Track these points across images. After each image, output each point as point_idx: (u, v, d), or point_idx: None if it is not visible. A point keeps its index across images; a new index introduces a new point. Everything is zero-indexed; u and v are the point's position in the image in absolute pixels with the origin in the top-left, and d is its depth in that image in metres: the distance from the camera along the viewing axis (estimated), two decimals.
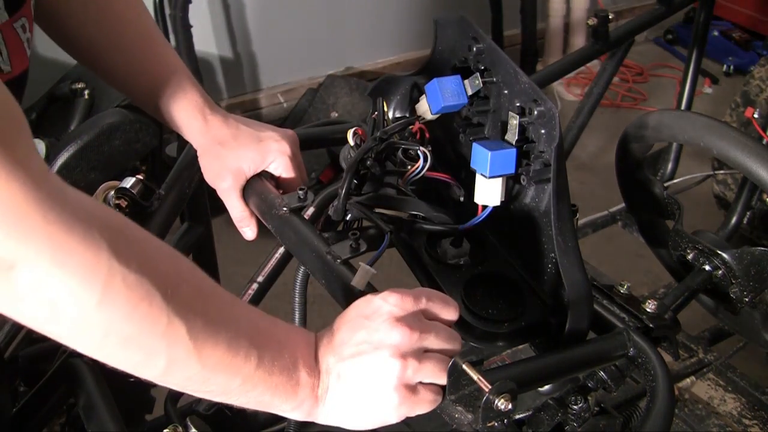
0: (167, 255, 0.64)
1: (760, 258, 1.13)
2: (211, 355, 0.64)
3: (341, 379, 0.70)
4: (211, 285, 0.67)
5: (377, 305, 0.71)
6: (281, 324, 0.73)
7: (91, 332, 0.59)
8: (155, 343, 0.61)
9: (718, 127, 1.08)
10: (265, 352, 0.68)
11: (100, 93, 2.39)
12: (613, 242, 2.53)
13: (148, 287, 0.58)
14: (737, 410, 1.53)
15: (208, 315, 0.63)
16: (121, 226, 0.60)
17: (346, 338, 0.71)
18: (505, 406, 0.68)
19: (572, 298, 0.79)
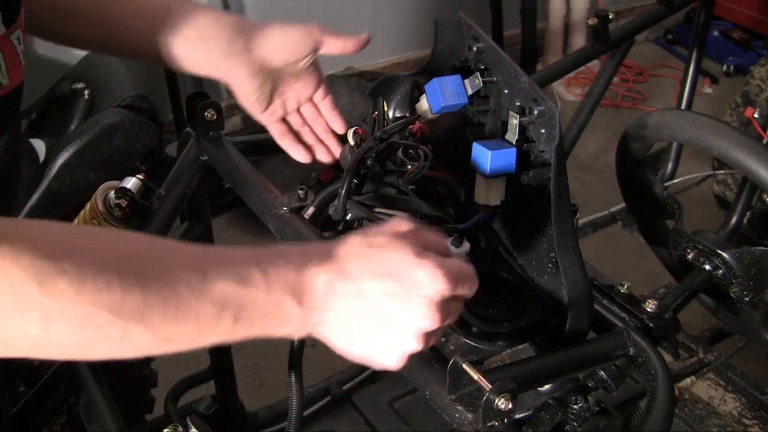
0: (84, 240, 0.59)
1: (760, 258, 1.13)
2: (174, 334, 0.60)
3: (353, 303, 0.66)
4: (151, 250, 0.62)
5: (415, 278, 0.65)
6: (248, 257, 0.65)
7: (59, 336, 0.56)
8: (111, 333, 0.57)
9: (719, 126, 1.08)
10: (241, 309, 0.62)
11: (100, 93, 2.39)
12: (613, 242, 2.53)
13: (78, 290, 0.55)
14: (737, 410, 1.53)
15: (167, 302, 0.59)
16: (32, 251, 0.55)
17: (365, 273, 0.66)
18: (505, 405, 0.68)
19: (572, 298, 0.79)
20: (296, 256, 0.65)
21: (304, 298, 0.64)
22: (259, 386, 2.15)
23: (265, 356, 2.24)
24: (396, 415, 1.65)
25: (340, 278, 0.65)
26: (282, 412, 1.66)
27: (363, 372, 1.74)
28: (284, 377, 1.02)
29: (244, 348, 2.27)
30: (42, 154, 2.14)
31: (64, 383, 1.04)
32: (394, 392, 1.69)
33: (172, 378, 1.51)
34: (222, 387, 1.45)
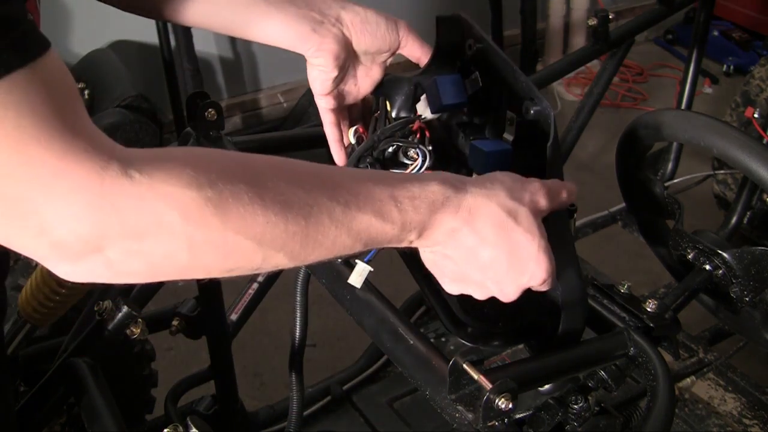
0: (248, 162, 0.60)
1: (760, 257, 1.13)
2: (310, 257, 0.62)
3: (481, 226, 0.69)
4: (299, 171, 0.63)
5: (523, 271, 0.71)
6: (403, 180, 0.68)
7: (205, 263, 0.58)
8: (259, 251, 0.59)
9: (719, 126, 1.08)
10: (371, 239, 0.65)
11: (100, 93, 2.39)
12: (613, 242, 2.53)
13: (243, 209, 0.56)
14: (737, 410, 1.53)
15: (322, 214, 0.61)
16: (194, 164, 0.55)
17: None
18: (505, 405, 0.68)
19: (566, 300, 0.79)
20: (433, 195, 0.67)
21: (425, 233, 0.68)
22: (259, 386, 2.15)
23: (265, 356, 2.24)
24: (396, 415, 1.65)
25: (465, 229, 0.69)
26: (282, 412, 1.66)
27: (363, 372, 1.74)
28: (284, 377, 1.02)
29: (244, 348, 2.29)
30: None
31: (64, 383, 1.04)
32: (394, 392, 1.69)
33: (172, 378, 1.51)
34: (222, 387, 1.45)
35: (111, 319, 1.03)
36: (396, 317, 0.83)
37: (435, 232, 0.68)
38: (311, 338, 2.36)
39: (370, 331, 0.84)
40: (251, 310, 1.46)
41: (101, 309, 1.03)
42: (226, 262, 0.58)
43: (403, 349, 0.80)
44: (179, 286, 1.54)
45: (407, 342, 0.80)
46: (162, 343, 2.12)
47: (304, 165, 0.64)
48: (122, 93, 2.32)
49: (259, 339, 2.28)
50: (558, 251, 0.74)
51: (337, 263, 0.89)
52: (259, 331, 2.29)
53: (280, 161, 0.62)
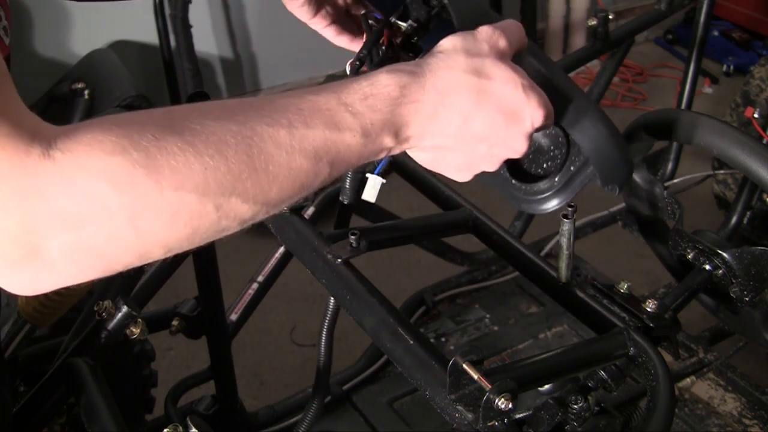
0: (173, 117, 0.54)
1: (760, 257, 1.13)
2: (273, 195, 0.56)
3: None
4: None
5: (522, 115, 0.66)
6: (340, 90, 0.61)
7: (154, 233, 0.52)
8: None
9: (719, 126, 1.08)
10: (336, 156, 0.59)
11: (100, 93, 2.39)
12: (613, 242, 2.53)
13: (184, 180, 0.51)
14: (737, 410, 1.53)
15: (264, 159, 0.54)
16: (119, 134, 0.50)
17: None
18: (505, 405, 0.68)
19: (581, 118, 0.75)
20: (390, 89, 0.61)
21: (401, 131, 0.63)
22: (259, 386, 2.15)
23: (265, 356, 2.24)
24: (396, 415, 1.65)
25: (442, 110, 0.63)
26: (282, 412, 1.66)
27: (363, 372, 1.74)
28: (284, 377, 1.02)
29: (244, 348, 2.29)
30: None
31: (64, 383, 1.04)
32: (394, 392, 1.69)
33: (172, 378, 1.51)
34: (222, 387, 1.45)
35: (111, 319, 1.03)
36: (396, 317, 0.83)
37: (412, 127, 0.63)
38: (311, 338, 2.36)
39: (370, 331, 0.84)
40: (251, 310, 1.46)
41: (101, 309, 1.03)
42: (177, 226, 0.52)
43: (403, 349, 0.80)
44: (179, 286, 1.54)
45: (407, 342, 0.80)
46: (162, 343, 2.12)
47: (234, 101, 0.57)
48: (122, 93, 2.32)
49: (259, 339, 2.28)
50: (546, 82, 0.71)
51: (337, 263, 0.89)
52: (259, 331, 2.29)
53: (207, 103, 0.57)
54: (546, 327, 1.83)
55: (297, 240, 0.94)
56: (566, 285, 0.92)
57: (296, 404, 1.68)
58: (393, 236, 1.02)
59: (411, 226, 1.08)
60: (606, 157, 0.76)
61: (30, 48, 2.70)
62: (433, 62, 0.64)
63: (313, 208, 1.40)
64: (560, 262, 0.91)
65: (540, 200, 0.81)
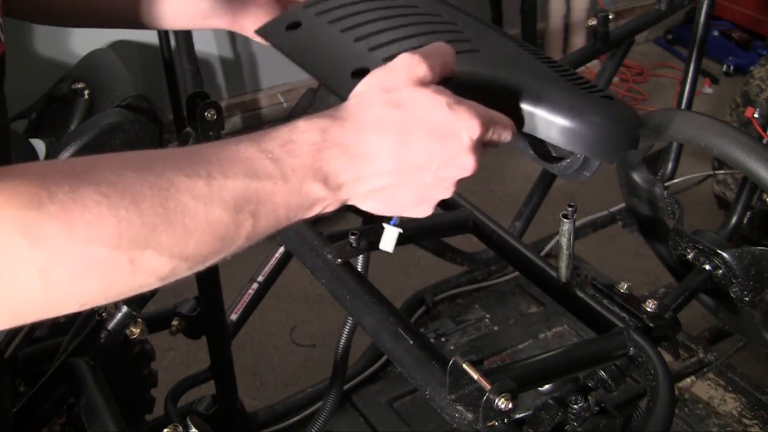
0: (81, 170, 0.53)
1: (760, 257, 1.13)
2: (191, 250, 0.54)
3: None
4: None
5: (456, 132, 0.63)
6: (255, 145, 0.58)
7: (63, 287, 0.51)
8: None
9: (719, 126, 1.08)
10: (259, 205, 0.57)
11: (100, 93, 2.39)
12: (613, 242, 2.53)
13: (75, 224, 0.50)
14: (737, 410, 1.53)
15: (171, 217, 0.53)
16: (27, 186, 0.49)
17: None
18: (505, 405, 0.68)
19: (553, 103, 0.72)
20: (309, 133, 0.60)
21: (330, 178, 0.60)
22: (259, 386, 2.15)
23: (265, 356, 2.24)
24: (396, 415, 1.65)
25: (370, 147, 0.61)
26: (282, 412, 1.66)
27: (363, 372, 1.74)
28: (284, 377, 1.02)
29: (244, 348, 2.28)
30: (42, 154, 2.14)
31: (64, 383, 1.04)
32: (394, 392, 1.69)
33: (172, 378, 1.51)
34: (222, 387, 1.45)
35: (111, 319, 1.03)
36: (396, 317, 0.83)
37: (342, 173, 0.60)
38: (311, 338, 2.37)
39: (370, 331, 0.84)
40: (251, 310, 1.46)
41: (101, 309, 1.03)
42: (89, 280, 0.51)
43: (403, 349, 0.80)
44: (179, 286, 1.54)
45: (407, 342, 0.80)
46: (162, 343, 2.12)
47: (155, 151, 0.56)
48: (122, 93, 2.32)
49: (259, 339, 2.28)
50: (490, 93, 0.70)
51: (337, 263, 0.89)
52: (259, 331, 2.29)
53: (128, 153, 0.55)
54: (546, 327, 1.83)
55: (297, 240, 0.94)
56: (566, 285, 0.92)
57: (296, 404, 1.68)
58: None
59: (411, 226, 1.08)
60: (591, 143, 0.72)
61: (30, 48, 2.70)
62: (351, 105, 0.63)
63: None
64: (560, 262, 0.91)
65: (575, 172, 0.78)
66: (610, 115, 0.72)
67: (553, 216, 0.87)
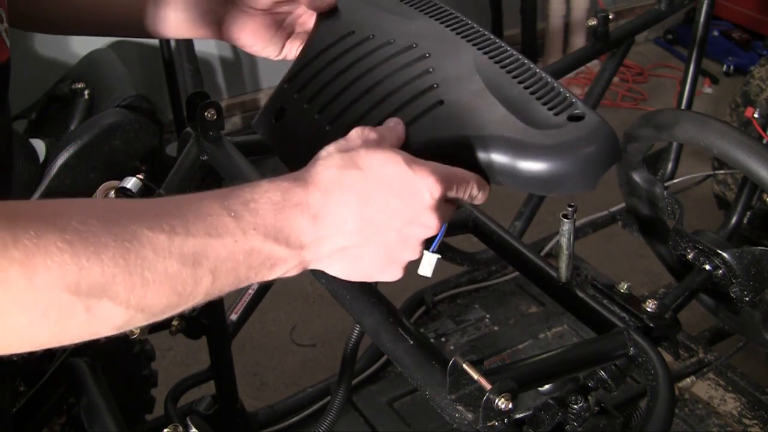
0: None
1: (760, 257, 1.13)
2: (148, 301, 0.55)
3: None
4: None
5: (416, 189, 0.63)
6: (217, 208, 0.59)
7: (22, 331, 0.52)
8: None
9: (719, 126, 1.08)
10: (218, 262, 0.58)
11: (100, 93, 2.39)
12: (613, 242, 2.53)
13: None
14: (737, 410, 1.53)
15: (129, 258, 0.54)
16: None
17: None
18: (505, 405, 0.68)
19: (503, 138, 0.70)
20: (271, 193, 0.61)
21: (291, 238, 0.61)
22: (259, 386, 2.15)
23: (265, 356, 2.24)
24: (396, 415, 1.65)
25: (330, 207, 0.62)
26: (282, 412, 1.66)
27: (363, 372, 1.74)
28: (284, 377, 1.02)
29: (244, 348, 2.28)
30: (42, 154, 2.14)
31: (64, 383, 1.04)
32: (394, 392, 1.69)
33: (172, 378, 1.51)
34: (222, 387, 1.45)
35: None
36: (396, 317, 0.83)
37: (304, 233, 0.61)
38: (311, 338, 2.37)
39: (370, 331, 0.84)
40: (251, 310, 1.46)
41: None
42: (46, 323, 0.52)
43: (403, 349, 0.80)
44: None
45: (407, 342, 0.80)
46: (162, 343, 2.12)
47: (122, 201, 0.58)
48: (122, 93, 2.32)
49: (259, 339, 2.28)
50: (453, 154, 0.70)
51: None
52: (259, 331, 2.29)
53: (96, 201, 0.58)
54: (546, 327, 1.83)
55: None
56: (566, 285, 0.92)
57: (296, 404, 1.68)
58: None
59: None
60: (564, 180, 0.70)
61: (30, 48, 2.70)
62: (311, 168, 0.64)
63: None
64: (560, 262, 0.91)
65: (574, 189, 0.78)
66: (580, 146, 0.70)
67: (553, 216, 0.87)
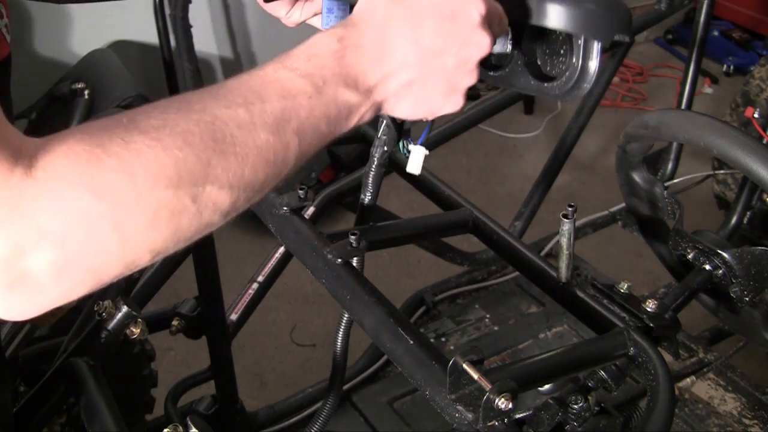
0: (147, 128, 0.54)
1: (760, 257, 1.13)
2: (247, 177, 0.56)
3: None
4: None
5: (464, 9, 0.65)
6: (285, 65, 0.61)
7: (137, 235, 0.52)
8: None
9: (719, 126, 1.08)
10: (300, 122, 0.59)
11: (100, 93, 2.39)
12: (613, 242, 2.53)
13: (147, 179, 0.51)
14: (737, 410, 1.53)
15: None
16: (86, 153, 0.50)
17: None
18: (505, 405, 0.68)
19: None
20: (329, 44, 0.62)
21: (359, 81, 0.62)
22: (259, 386, 2.15)
23: (265, 356, 2.24)
24: (396, 415, 1.65)
25: (387, 43, 0.63)
26: (282, 412, 1.66)
27: (363, 372, 1.75)
28: (284, 377, 1.02)
29: (244, 348, 2.29)
30: None
31: (64, 383, 1.04)
32: (394, 392, 1.69)
33: (172, 378, 1.51)
34: (222, 387, 1.45)
35: (111, 319, 1.03)
36: (396, 317, 0.83)
37: (369, 74, 0.63)
38: (311, 338, 2.37)
39: (370, 331, 0.84)
40: (251, 310, 1.46)
41: (101, 309, 1.03)
42: (159, 225, 0.52)
43: (403, 349, 0.80)
44: (179, 286, 1.54)
45: (407, 342, 0.80)
46: (162, 343, 2.12)
47: (188, 93, 0.58)
48: (122, 93, 2.32)
49: (259, 339, 2.28)
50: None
51: (337, 263, 0.89)
52: (259, 331, 2.29)
53: (165, 99, 0.57)
54: (546, 327, 1.83)
55: (297, 240, 0.94)
56: (566, 285, 0.92)
57: (296, 404, 1.69)
58: (393, 236, 1.02)
59: (411, 226, 1.08)
60: (584, 20, 0.75)
61: (30, 48, 2.70)
62: (358, 11, 0.65)
63: (313, 208, 1.40)
64: (560, 262, 0.91)
65: (572, 88, 0.80)
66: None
67: (553, 216, 0.87)
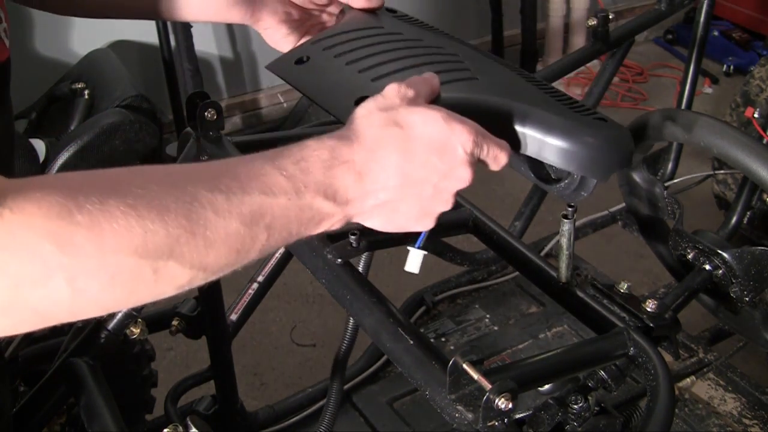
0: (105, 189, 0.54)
1: (760, 257, 1.13)
2: (209, 261, 0.57)
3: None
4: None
5: (452, 146, 0.67)
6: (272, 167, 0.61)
7: (90, 294, 0.53)
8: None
9: (719, 126, 1.08)
10: (273, 220, 0.60)
11: (100, 93, 2.39)
12: (613, 242, 2.53)
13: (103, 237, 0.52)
14: (737, 410, 1.53)
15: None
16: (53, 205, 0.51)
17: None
18: (505, 405, 0.68)
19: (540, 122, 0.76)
20: (319, 152, 0.63)
21: (339, 194, 0.64)
22: (259, 386, 2.15)
23: (265, 356, 2.24)
24: (396, 415, 1.65)
25: (375, 164, 0.65)
26: (282, 412, 1.66)
27: (363, 372, 1.74)
28: (284, 377, 1.02)
29: (244, 348, 2.28)
30: (42, 154, 2.14)
31: (64, 383, 1.04)
32: (394, 392, 1.69)
33: (172, 378, 1.51)
34: (222, 387, 1.45)
35: (111, 319, 1.03)
36: (396, 317, 0.83)
37: (350, 189, 0.64)
38: (311, 338, 2.37)
39: (370, 331, 0.85)
40: (251, 310, 1.46)
41: None
42: (114, 287, 0.53)
43: (403, 349, 0.80)
44: None
45: (407, 342, 0.80)
46: (162, 343, 2.12)
47: (176, 166, 0.61)
48: (122, 93, 2.32)
49: (259, 339, 2.28)
50: (486, 117, 0.72)
51: (337, 263, 0.89)
52: (259, 331, 2.29)
53: (150, 167, 0.59)
54: (546, 327, 1.83)
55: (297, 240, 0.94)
56: (566, 285, 0.92)
57: (296, 404, 1.68)
58: (393, 236, 1.02)
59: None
60: (585, 163, 0.76)
61: (30, 48, 2.70)
62: (354, 126, 0.67)
63: None
64: (560, 262, 0.91)
65: (573, 192, 0.82)
66: (603, 136, 0.76)
67: (553, 216, 0.87)
